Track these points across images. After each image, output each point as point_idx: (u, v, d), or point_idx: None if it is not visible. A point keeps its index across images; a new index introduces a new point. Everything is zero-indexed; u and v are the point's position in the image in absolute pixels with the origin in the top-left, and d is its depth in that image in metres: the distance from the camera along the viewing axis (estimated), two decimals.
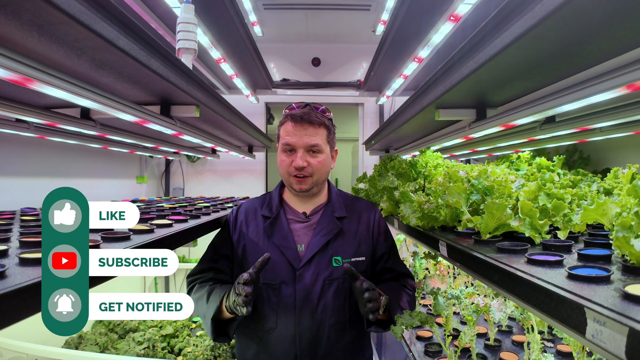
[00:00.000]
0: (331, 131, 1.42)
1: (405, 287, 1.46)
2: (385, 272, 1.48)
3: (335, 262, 1.37)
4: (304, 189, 1.37)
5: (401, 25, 2.35)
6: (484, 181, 1.23)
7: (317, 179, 1.38)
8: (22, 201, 2.31)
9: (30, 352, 2.08)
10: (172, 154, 3.52)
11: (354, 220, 1.46)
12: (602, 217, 1.02)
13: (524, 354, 1.59)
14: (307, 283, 1.33)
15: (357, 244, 1.42)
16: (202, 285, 1.38)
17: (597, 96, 1.04)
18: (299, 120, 1.34)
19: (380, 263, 1.47)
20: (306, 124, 1.34)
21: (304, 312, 1.33)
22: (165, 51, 1.18)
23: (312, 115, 1.35)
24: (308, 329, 1.33)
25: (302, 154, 1.34)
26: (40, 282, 0.69)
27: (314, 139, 1.34)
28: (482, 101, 1.57)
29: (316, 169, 1.36)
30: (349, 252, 1.39)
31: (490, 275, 0.89)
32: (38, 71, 0.93)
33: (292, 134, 1.34)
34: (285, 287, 1.34)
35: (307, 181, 1.36)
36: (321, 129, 1.37)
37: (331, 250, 1.37)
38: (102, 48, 0.97)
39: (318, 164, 1.36)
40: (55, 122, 1.56)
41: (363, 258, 1.41)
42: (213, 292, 1.31)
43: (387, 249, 1.48)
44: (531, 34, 0.88)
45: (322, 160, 1.37)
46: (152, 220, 1.44)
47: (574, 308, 0.62)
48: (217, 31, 2.47)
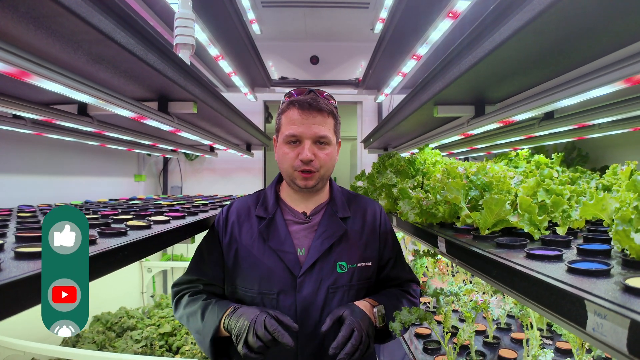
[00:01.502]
0: (338, 121, 1.27)
1: (408, 294, 1.34)
2: (390, 280, 1.35)
3: (340, 269, 1.22)
4: (309, 185, 1.21)
5: (400, 23, 2.34)
6: (482, 177, 1.22)
7: (323, 173, 1.23)
8: (19, 199, 2.30)
9: (27, 350, 2.07)
10: (170, 152, 3.50)
11: (358, 220, 1.31)
12: (602, 212, 1.02)
13: (523, 351, 1.59)
14: (308, 292, 1.17)
15: (364, 247, 1.27)
16: (193, 299, 1.24)
17: (596, 90, 1.04)
18: (306, 107, 1.17)
19: (386, 270, 1.33)
20: (315, 111, 1.17)
21: (305, 325, 1.17)
22: (163, 46, 1.18)
23: (320, 102, 1.19)
24: (310, 343, 1.18)
25: (310, 146, 1.18)
26: (35, 275, 0.68)
27: (323, 129, 1.18)
28: (481, 97, 1.57)
29: (324, 163, 1.20)
30: (355, 257, 1.24)
31: (489, 270, 0.89)
32: (34, 64, 0.92)
33: (299, 122, 1.17)
34: (284, 297, 1.18)
35: (314, 177, 1.21)
36: (330, 118, 1.21)
37: (335, 255, 1.22)
38: (98, 42, 0.97)
39: (326, 157, 1.20)
40: (53, 118, 1.55)
41: (369, 263, 1.26)
42: (209, 309, 1.18)
43: (393, 254, 1.34)
44: (530, 27, 0.88)
45: (330, 153, 1.22)
46: (150, 217, 1.43)
47: (574, 301, 0.61)
48: (215, 28, 2.46)
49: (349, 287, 1.22)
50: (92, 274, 0.82)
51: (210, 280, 1.27)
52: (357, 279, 1.24)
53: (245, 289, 1.22)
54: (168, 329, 2.82)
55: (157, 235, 1.12)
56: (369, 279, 1.27)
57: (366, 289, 1.27)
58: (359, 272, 1.24)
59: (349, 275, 1.22)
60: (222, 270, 1.27)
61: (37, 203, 2.27)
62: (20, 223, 1.26)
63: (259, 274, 1.21)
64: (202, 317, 1.17)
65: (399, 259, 1.37)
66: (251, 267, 1.22)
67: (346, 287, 1.21)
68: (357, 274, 1.24)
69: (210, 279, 1.27)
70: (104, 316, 2.94)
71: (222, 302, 1.20)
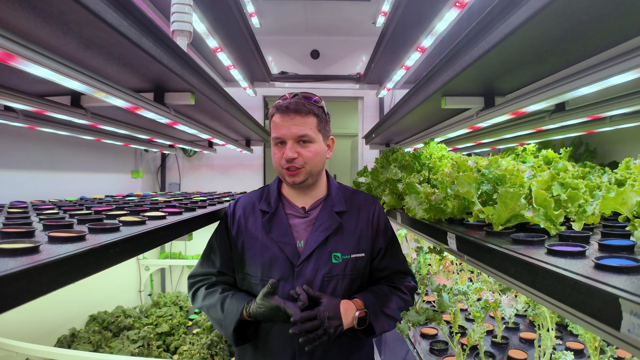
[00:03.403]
0: (322, 119, 1.37)
1: (398, 290, 1.43)
2: (380, 270, 1.44)
3: (335, 259, 1.34)
4: (297, 181, 1.34)
5: (403, 14, 2.28)
6: (495, 170, 1.17)
7: (310, 169, 1.34)
8: (12, 195, 2.24)
9: (20, 350, 2.02)
10: (167, 147, 3.44)
11: (354, 214, 1.42)
12: (622, 206, 0.97)
13: (533, 351, 1.53)
14: (306, 280, 1.31)
15: (357, 240, 1.39)
16: (211, 292, 1.38)
17: (615, 78, 0.99)
18: (284, 110, 1.31)
19: (376, 260, 1.43)
20: (292, 113, 1.30)
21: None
22: (158, 30, 1.11)
23: (298, 105, 1.31)
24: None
25: (292, 145, 1.31)
26: (14, 273, 0.62)
27: (302, 129, 1.31)
28: (491, 88, 1.51)
29: (308, 159, 1.33)
30: (349, 248, 1.37)
31: (506, 267, 0.84)
32: (21, 46, 0.85)
33: (280, 126, 1.32)
34: (283, 283, 1.32)
35: (300, 173, 1.33)
36: (309, 117, 1.32)
37: (330, 246, 1.35)
38: (89, 22, 0.90)
39: (309, 153, 1.33)
40: (45, 109, 1.49)
41: (363, 254, 1.38)
42: (227, 302, 1.32)
43: (384, 245, 1.44)
44: (551, 7, 0.82)
45: (313, 150, 1.33)
46: (145, 212, 1.37)
47: (606, 300, 0.56)
48: (214, 18, 2.39)
49: (343, 276, 1.35)
50: (80, 272, 0.77)
51: (223, 270, 1.42)
52: (351, 268, 1.36)
53: (250, 276, 1.36)
54: (166, 329, 2.77)
55: (151, 232, 1.06)
56: (362, 269, 1.39)
57: (360, 278, 1.39)
58: (352, 262, 1.36)
59: (343, 265, 1.35)
60: (231, 261, 1.42)
61: (31, 199, 2.21)
62: (9, 219, 1.21)
63: (262, 263, 1.34)
64: (222, 309, 1.31)
65: (390, 250, 1.46)
66: (255, 256, 1.36)
67: (340, 276, 1.34)
68: (351, 264, 1.36)
69: (223, 269, 1.42)
70: (100, 315, 2.89)
71: (238, 295, 1.35)
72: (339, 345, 1.34)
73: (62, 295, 2.68)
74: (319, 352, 1.32)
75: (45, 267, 0.67)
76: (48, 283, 0.69)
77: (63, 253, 0.73)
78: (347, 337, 1.35)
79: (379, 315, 1.31)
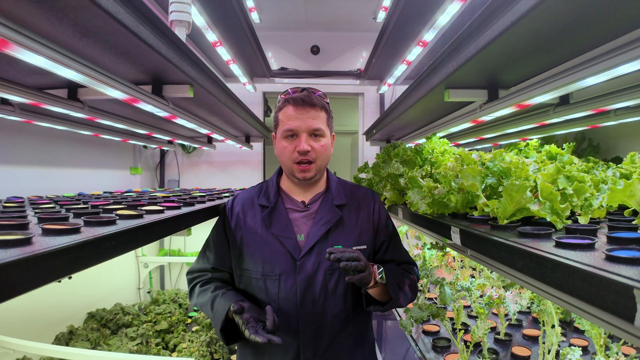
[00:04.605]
0: (330, 115, 1.39)
1: (405, 270, 1.42)
2: (386, 262, 1.42)
3: None
4: (307, 177, 1.33)
5: (405, 7, 2.25)
6: (500, 163, 1.15)
7: (320, 164, 1.34)
8: (9, 191, 2.22)
9: (18, 348, 1.99)
10: (166, 143, 3.41)
11: (354, 208, 1.41)
12: (630, 198, 0.95)
13: (536, 348, 1.51)
14: (308, 274, 1.30)
15: (358, 233, 1.38)
16: (204, 289, 1.37)
17: (621, 67, 0.96)
18: (300, 103, 1.30)
19: (380, 252, 1.43)
20: (308, 106, 1.30)
21: (305, 304, 1.29)
22: (156, 18, 1.08)
23: (312, 98, 1.32)
24: (310, 320, 1.29)
25: (306, 138, 1.30)
26: (5, 264, 0.59)
27: (316, 122, 1.31)
28: (494, 81, 1.49)
29: (319, 153, 1.32)
30: (350, 241, 1.35)
31: (513, 261, 0.82)
32: (14, 32, 0.83)
33: (294, 117, 1.30)
34: (285, 278, 1.31)
35: (312, 168, 1.32)
36: (322, 112, 1.34)
37: (331, 240, 1.34)
38: (84, 8, 0.87)
39: (321, 148, 1.32)
40: (41, 102, 1.46)
41: (364, 246, 1.37)
42: (216, 301, 1.29)
43: (386, 237, 1.43)
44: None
45: (324, 144, 1.33)
46: (142, 206, 1.35)
47: (620, 292, 0.54)
48: (213, 11, 2.36)
49: None
50: (74, 265, 0.74)
51: (217, 266, 1.41)
52: None
53: (250, 271, 1.34)
54: (165, 326, 2.75)
55: (148, 225, 1.04)
56: None
57: None
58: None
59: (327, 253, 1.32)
60: (228, 258, 1.41)
61: (28, 195, 2.19)
62: (4, 212, 1.19)
63: (262, 258, 1.33)
64: (212, 307, 1.30)
65: (393, 242, 1.46)
66: (255, 251, 1.34)
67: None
68: None
69: (218, 265, 1.41)
70: (98, 312, 2.86)
71: (227, 294, 1.31)
72: (344, 339, 1.33)
73: (60, 292, 2.66)
74: (323, 346, 1.30)
75: (37, 259, 0.65)
76: (41, 275, 0.66)
77: (56, 245, 0.70)
78: (352, 330, 1.34)
79: (392, 282, 1.29)
